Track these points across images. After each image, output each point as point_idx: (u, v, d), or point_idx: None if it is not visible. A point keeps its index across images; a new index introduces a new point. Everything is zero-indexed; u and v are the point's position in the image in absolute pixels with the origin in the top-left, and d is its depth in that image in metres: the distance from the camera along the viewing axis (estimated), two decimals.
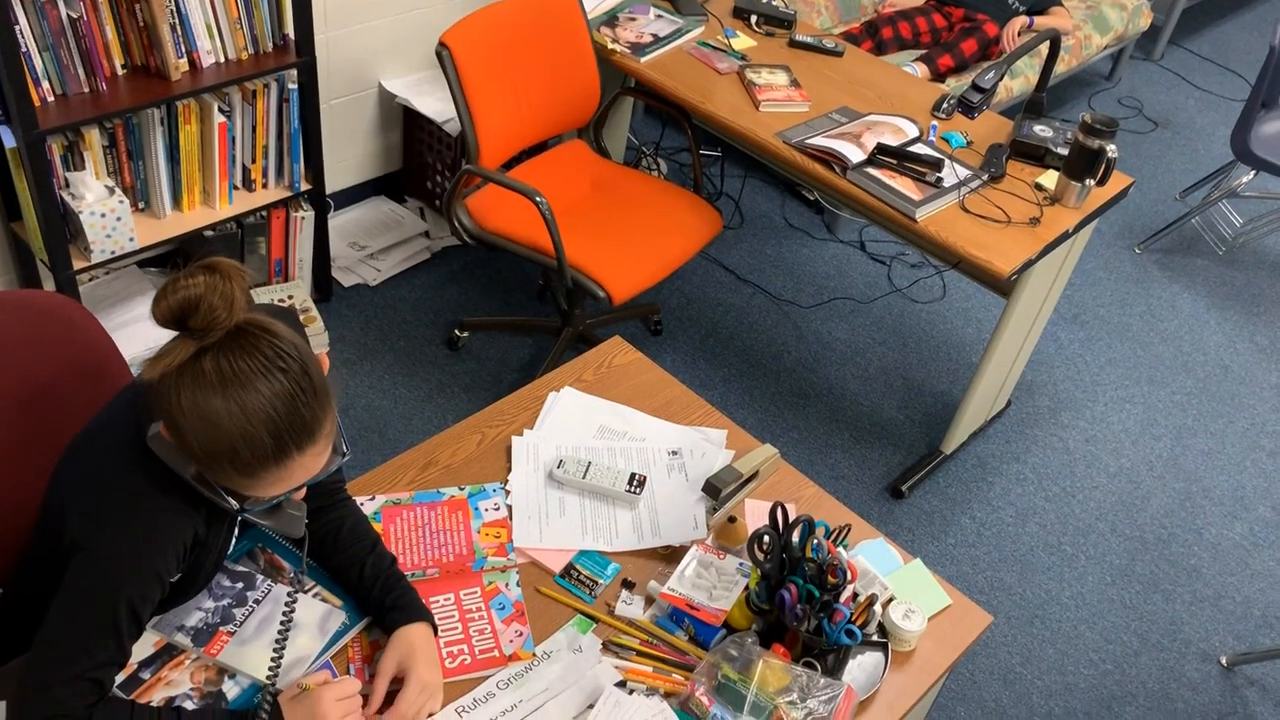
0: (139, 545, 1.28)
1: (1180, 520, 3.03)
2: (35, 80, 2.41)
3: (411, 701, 1.38)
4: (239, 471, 1.21)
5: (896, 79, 3.12)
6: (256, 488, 1.24)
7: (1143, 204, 4.30)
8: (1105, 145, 2.52)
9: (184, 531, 1.31)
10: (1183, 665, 2.65)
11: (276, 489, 1.25)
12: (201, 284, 1.17)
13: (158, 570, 1.28)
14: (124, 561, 1.27)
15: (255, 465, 1.21)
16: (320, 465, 1.28)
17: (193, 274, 1.19)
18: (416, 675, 1.40)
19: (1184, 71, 5.32)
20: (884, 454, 3.07)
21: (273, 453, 1.20)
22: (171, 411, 1.19)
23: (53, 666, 1.24)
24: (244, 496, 1.28)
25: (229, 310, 1.18)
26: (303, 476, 1.26)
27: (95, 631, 1.25)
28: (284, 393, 1.20)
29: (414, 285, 3.35)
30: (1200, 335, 3.71)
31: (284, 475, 1.23)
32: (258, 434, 1.19)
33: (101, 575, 1.27)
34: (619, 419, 1.89)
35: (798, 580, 1.48)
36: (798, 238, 3.83)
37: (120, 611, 1.26)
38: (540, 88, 2.87)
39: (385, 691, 1.40)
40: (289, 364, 1.21)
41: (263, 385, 1.19)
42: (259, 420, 1.18)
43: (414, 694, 1.39)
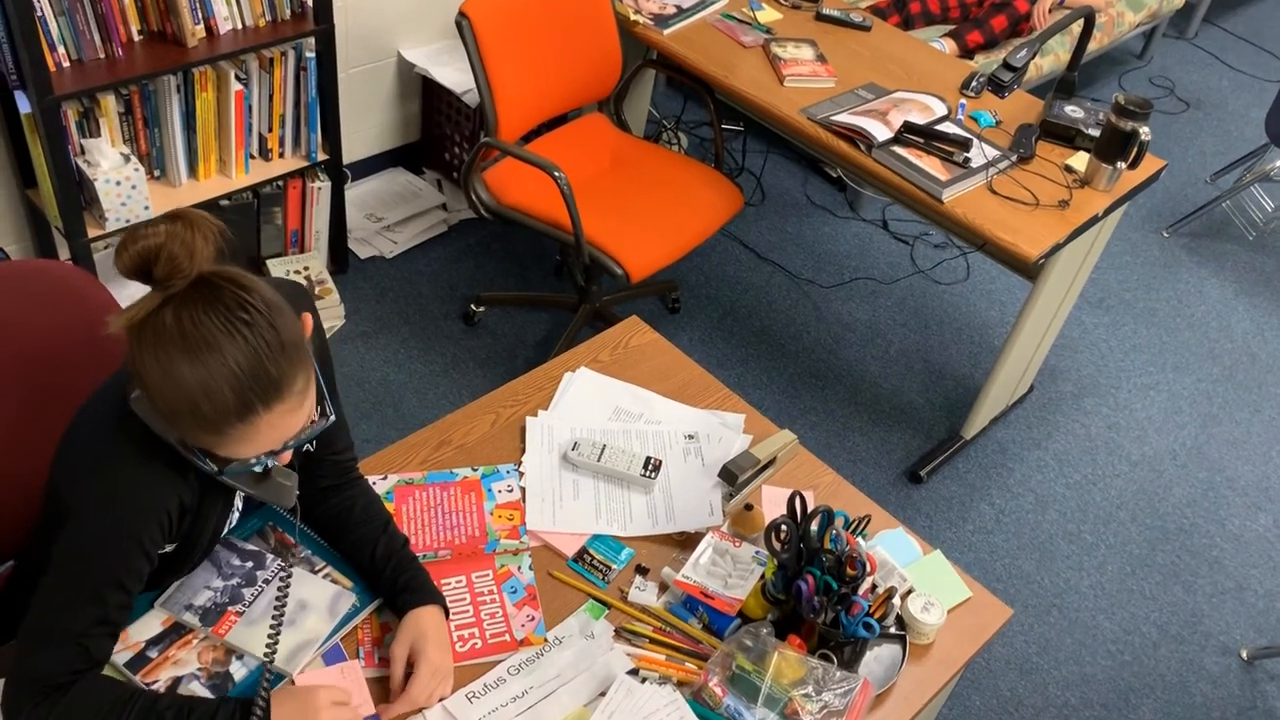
0: (118, 512, 1.25)
1: (1203, 510, 2.98)
2: (51, 45, 2.39)
3: (423, 686, 1.37)
4: (204, 429, 1.16)
5: (925, 55, 3.05)
6: (227, 447, 1.19)
7: (1172, 186, 4.22)
8: (1138, 128, 2.45)
9: (168, 498, 1.28)
10: (1202, 658, 2.61)
11: (248, 449, 1.20)
12: (163, 233, 1.13)
13: (139, 538, 1.26)
14: (103, 528, 1.25)
15: (220, 422, 1.15)
16: (296, 426, 1.22)
17: (155, 223, 1.14)
18: (428, 659, 1.38)
19: (1218, 51, 5.22)
20: (903, 438, 3.03)
21: (236, 409, 1.15)
22: (137, 367, 1.15)
23: (38, 633, 1.24)
24: (223, 459, 1.24)
25: (190, 259, 1.13)
26: (276, 437, 1.21)
27: (76, 598, 1.24)
28: (247, 346, 1.14)
29: (431, 258, 3.32)
30: (1228, 322, 3.64)
31: (253, 434, 1.18)
32: (219, 389, 1.13)
33: (82, 542, 1.25)
34: (635, 401, 1.86)
35: (815, 571, 1.45)
36: (819, 216, 3.78)
37: (99, 578, 1.24)
38: (561, 59, 2.82)
39: (402, 676, 1.38)
40: (254, 316, 1.15)
41: (224, 338, 1.13)
42: (220, 375, 1.13)
43: (425, 678, 1.37)
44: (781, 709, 1.40)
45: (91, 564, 1.24)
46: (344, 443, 1.56)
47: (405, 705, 1.36)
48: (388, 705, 1.37)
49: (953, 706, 2.42)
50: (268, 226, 2.95)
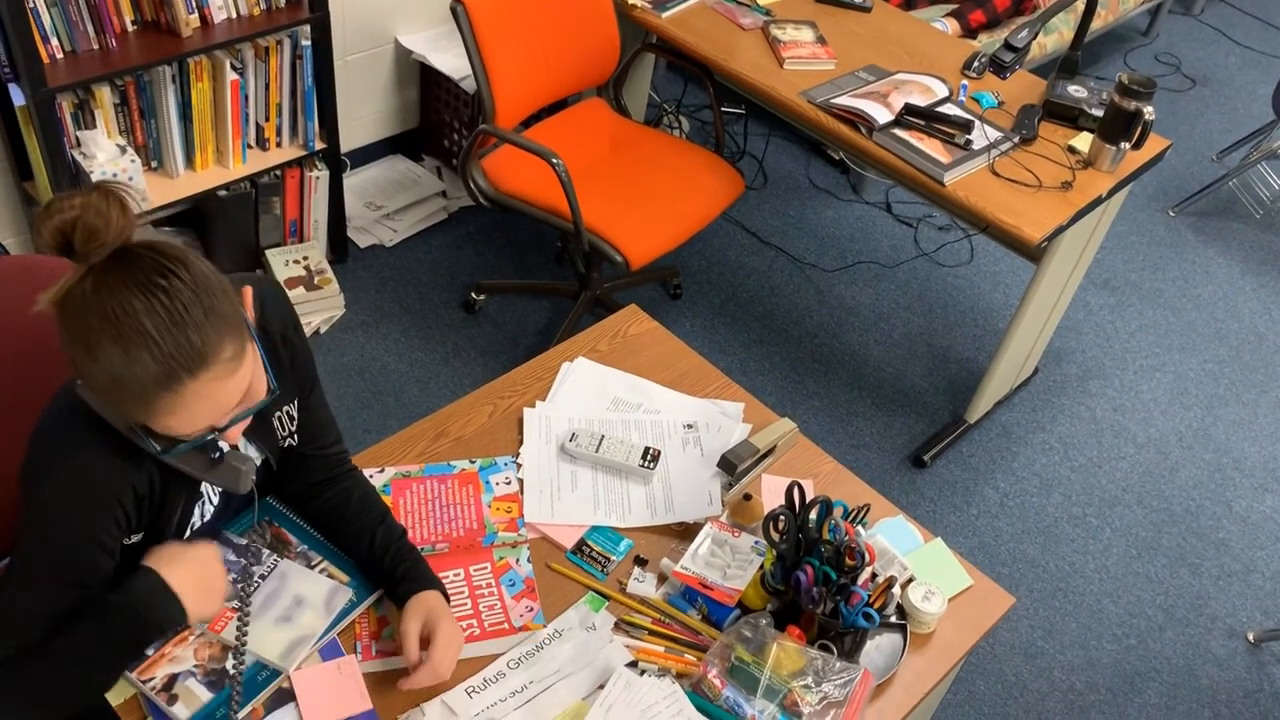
0: (67, 510, 1.24)
1: (1209, 492, 2.96)
2: (44, 37, 2.37)
3: (444, 654, 1.37)
4: (133, 402, 1.13)
5: (926, 36, 3.02)
6: (160, 419, 1.15)
7: (1178, 165, 4.19)
8: (1142, 107, 2.42)
9: (119, 488, 1.26)
10: (1208, 641, 2.60)
11: (183, 421, 1.16)
12: (78, 205, 1.10)
13: (92, 533, 1.25)
14: (52, 525, 1.24)
15: (145, 393, 1.12)
16: (230, 397, 1.18)
17: (70, 196, 1.12)
18: (443, 630, 1.38)
19: (1224, 27, 5.16)
20: (906, 422, 3.02)
21: (157, 377, 1.11)
22: (65, 345, 1.13)
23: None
24: (166, 438, 1.20)
25: (108, 229, 1.10)
26: (209, 409, 1.17)
27: (26, 588, 1.24)
28: (165, 310, 1.11)
29: (430, 246, 3.30)
30: (1234, 302, 3.62)
31: (181, 405, 1.14)
32: (139, 357, 1.10)
33: (30, 532, 1.24)
34: (634, 391, 1.85)
35: (814, 562, 1.44)
36: (822, 199, 3.76)
37: (46, 569, 1.24)
38: (558, 44, 2.80)
39: (418, 652, 1.37)
40: (172, 283, 1.12)
41: (141, 305, 1.10)
42: (139, 342, 1.10)
43: (443, 646, 1.37)
44: (781, 700, 1.39)
45: (38, 555, 1.24)
46: (333, 436, 1.55)
47: (428, 676, 1.36)
48: (407, 679, 1.36)
49: (957, 692, 2.42)
50: (266, 216, 2.94)
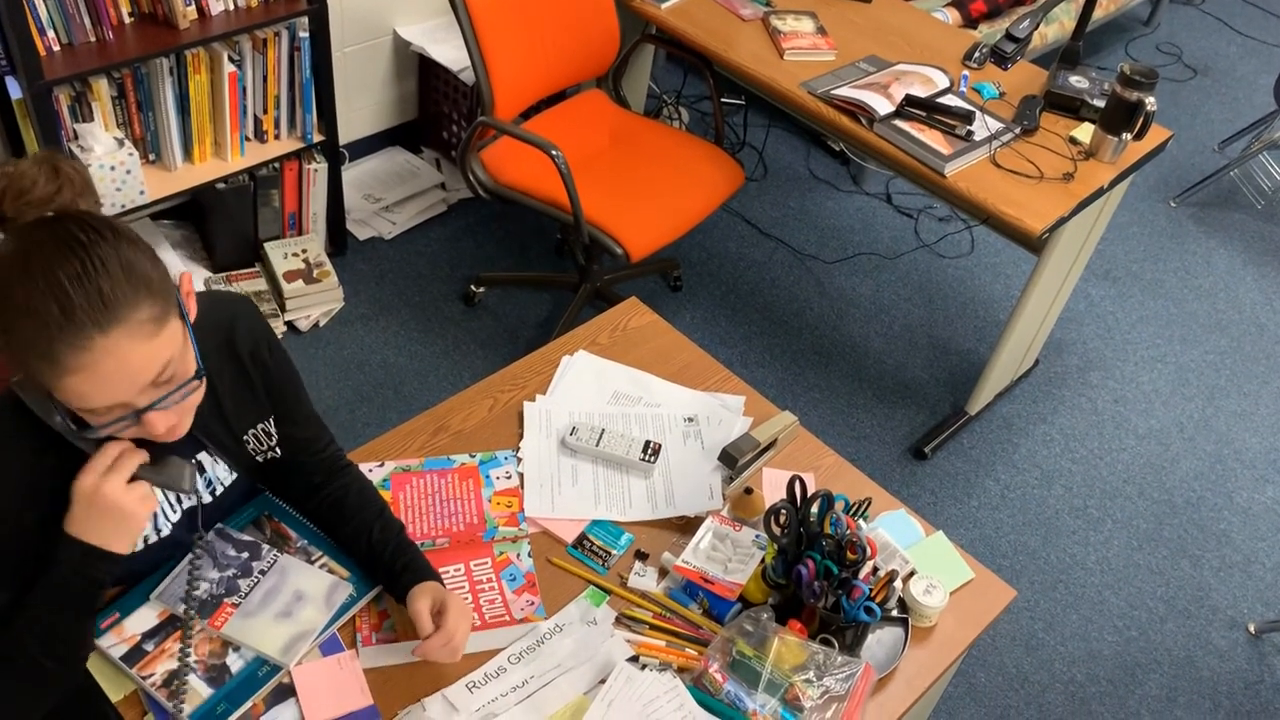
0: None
1: (1210, 484, 2.96)
2: (40, 29, 2.36)
3: (458, 623, 1.36)
4: (40, 359, 1.08)
5: (927, 26, 3.01)
6: (69, 383, 1.09)
7: (1179, 155, 4.18)
8: (1144, 98, 2.41)
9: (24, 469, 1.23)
10: (1209, 632, 2.60)
11: (93, 387, 1.10)
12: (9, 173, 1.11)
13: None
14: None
15: (51, 347, 1.07)
16: (146, 365, 1.12)
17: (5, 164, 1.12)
18: (454, 605, 1.38)
19: (1225, 16, 5.14)
20: (907, 414, 3.01)
21: (61, 325, 1.06)
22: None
23: None
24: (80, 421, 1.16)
25: (32, 190, 1.10)
26: (121, 376, 1.11)
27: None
28: (80, 262, 1.08)
29: (430, 239, 3.29)
30: (1236, 292, 3.61)
31: (91, 364, 1.08)
32: (46, 306, 1.06)
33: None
34: (634, 384, 1.84)
35: (816, 556, 1.44)
36: (822, 190, 3.75)
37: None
38: (557, 36, 2.79)
39: (431, 627, 1.36)
40: (91, 237, 1.09)
41: (56, 255, 1.07)
42: (46, 290, 1.06)
43: (456, 617, 1.37)
44: (782, 694, 1.39)
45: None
46: (325, 440, 1.54)
47: (443, 647, 1.35)
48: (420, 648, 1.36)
49: (958, 684, 2.42)
50: (265, 209, 2.93)
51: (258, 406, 1.43)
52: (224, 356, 1.38)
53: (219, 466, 1.43)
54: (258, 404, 1.43)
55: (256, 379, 1.41)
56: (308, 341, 2.92)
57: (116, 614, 1.38)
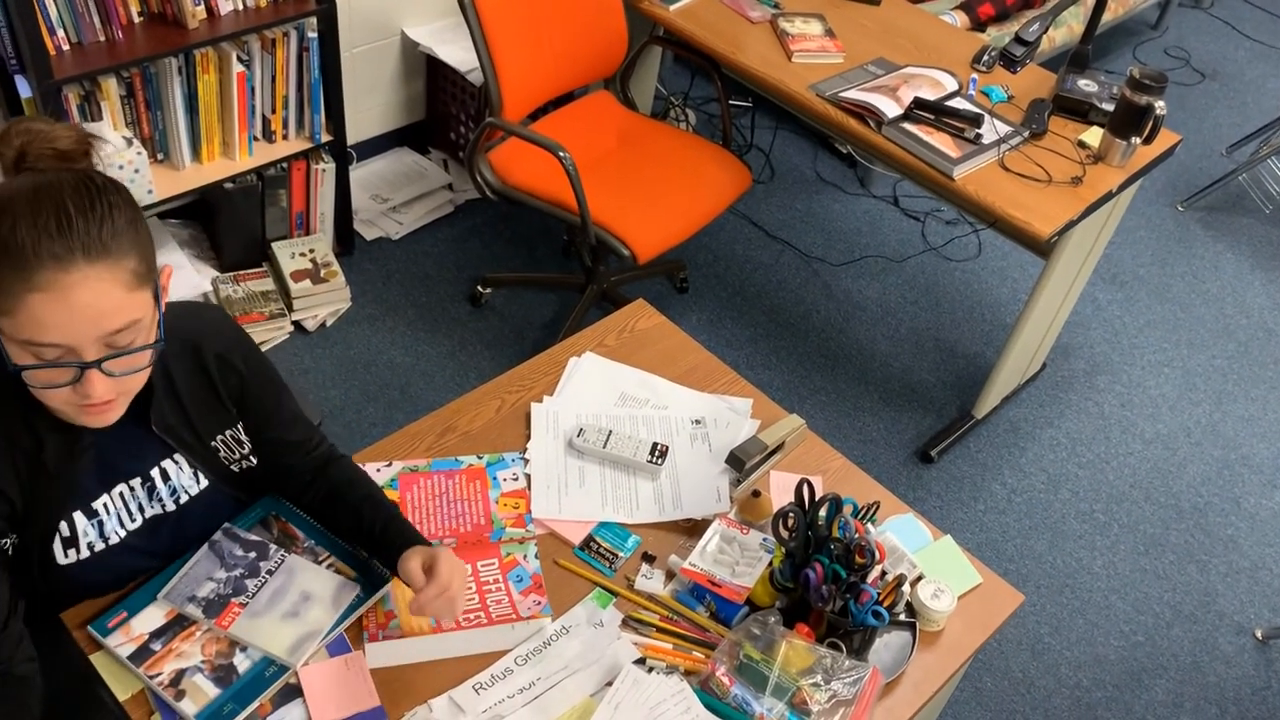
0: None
1: (1217, 489, 2.95)
2: (50, 28, 2.36)
3: (450, 573, 1.36)
4: (12, 269, 1.07)
5: (935, 29, 3.00)
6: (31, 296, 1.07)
7: (1187, 159, 4.17)
8: (1154, 102, 2.41)
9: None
10: (1216, 638, 2.59)
11: (59, 317, 1.08)
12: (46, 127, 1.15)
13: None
14: None
15: (34, 259, 1.06)
16: (115, 312, 1.12)
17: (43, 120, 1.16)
18: (445, 556, 1.37)
19: (1234, 20, 5.13)
20: (914, 417, 3.01)
21: (53, 237, 1.07)
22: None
23: None
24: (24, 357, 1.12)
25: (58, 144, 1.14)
26: (91, 315, 1.10)
27: None
28: (88, 198, 1.10)
29: (437, 239, 3.29)
30: (1243, 297, 3.60)
31: (65, 285, 1.07)
32: (45, 219, 1.07)
33: None
34: (641, 386, 1.84)
35: (823, 559, 1.44)
36: (829, 192, 3.74)
37: None
38: (565, 37, 2.79)
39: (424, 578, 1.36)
40: (108, 187, 1.14)
41: (70, 186, 1.11)
42: (50, 205, 1.08)
43: (448, 568, 1.36)
44: (790, 698, 1.38)
45: None
46: (314, 440, 1.54)
47: (438, 598, 1.35)
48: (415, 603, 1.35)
49: (964, 688, 2.41)
50: (272, 209, 2.93)
51: (224, 413, 1.42)
52: (188, 362, 1.37)
53: (184, 474, 1.41)
54: (224, 410, 1.41)
55: (222, 385, 1.40)
56: (315, 341, 2.92)
57: (124, 613, 1.38)
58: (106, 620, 1.37)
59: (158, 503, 1.40)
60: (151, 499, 1.40)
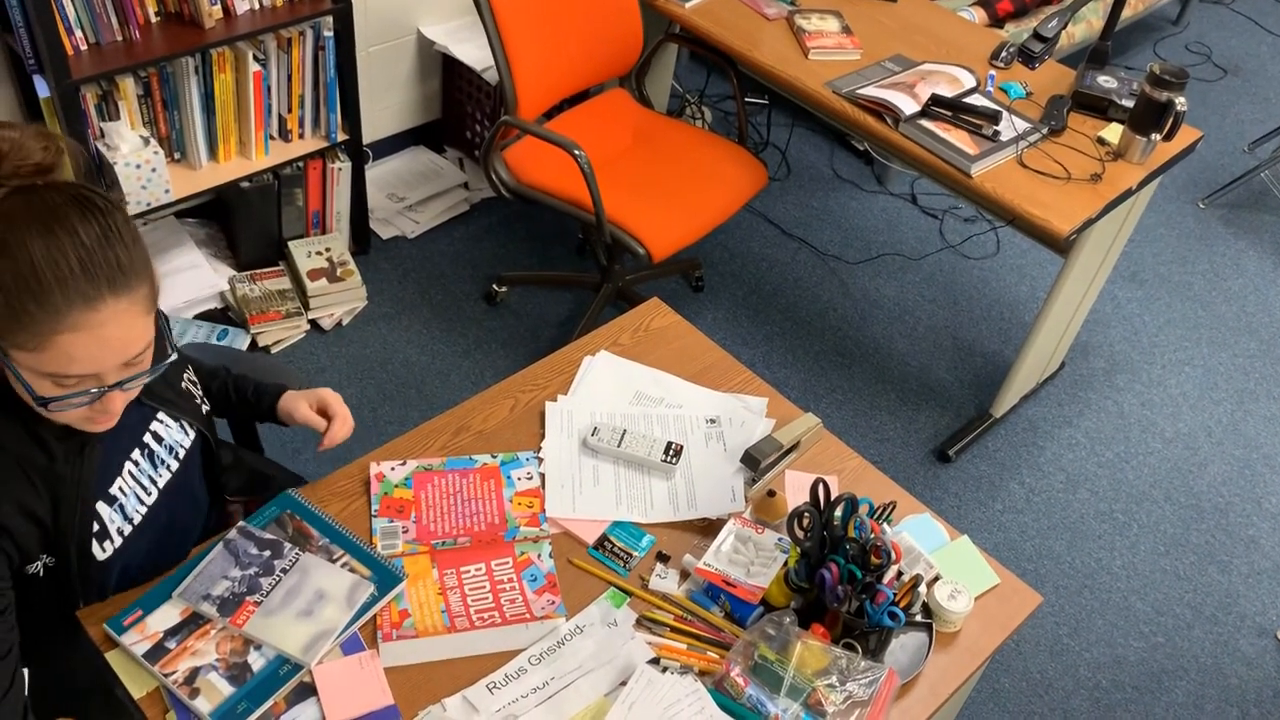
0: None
1: (1239, 489, 2.92)
2: (68, 29, 2.38)
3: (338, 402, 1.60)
4: (41, 308, 1.07)
5: (953, 25, 2.98)
6: (59, 337, 1.09)
7: (1209, 156, 4.13)
8: (1174, 98, 2.38)
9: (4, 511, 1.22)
10: (1237, 639, 2.56)
11: (85, 347, 1.10)
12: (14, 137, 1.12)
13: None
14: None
15: (62, 300, 1.07)
16: (137, 339, 1.15)
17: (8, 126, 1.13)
18: (325, 392, 1.61)
19: (1256, 15, 5.08)
20: (931, 416, 2.99)
21: (80, 281, 1.07)
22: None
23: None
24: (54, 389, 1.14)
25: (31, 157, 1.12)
26: (118, 344, 1.13)
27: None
28: (99, 224, 1.10)
29: (453, 238, 3.29)
30: (1265, 295, 3.56)
31: (96, 323, 1.09)
32: (64, 255, 1.07)
33: None
34: (656, 385, 1.83)
35: (839, 560, 1.42)
36: (846, 190, 3.72)
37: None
38: (581, 35, 2.78)
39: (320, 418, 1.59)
40: (106, 205, 1.12)
41: (75, 215, 1.09)
42: (68, 239, 1.08)
43: (334, 399, 1.60)
44: (805, 699, 1.37)
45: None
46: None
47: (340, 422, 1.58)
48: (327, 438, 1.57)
49: (981, 689, 2.39)
50: (289, 208, 2.94)
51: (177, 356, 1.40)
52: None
53: (173, 429, 1.44)
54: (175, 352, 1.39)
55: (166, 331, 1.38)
56: (331, 340, 2.93)
57: (139, 611, 1.39)
58: (122, 619, 1.38)
59: (162, 466, 1.43)
60: (156, 466, 1.42)
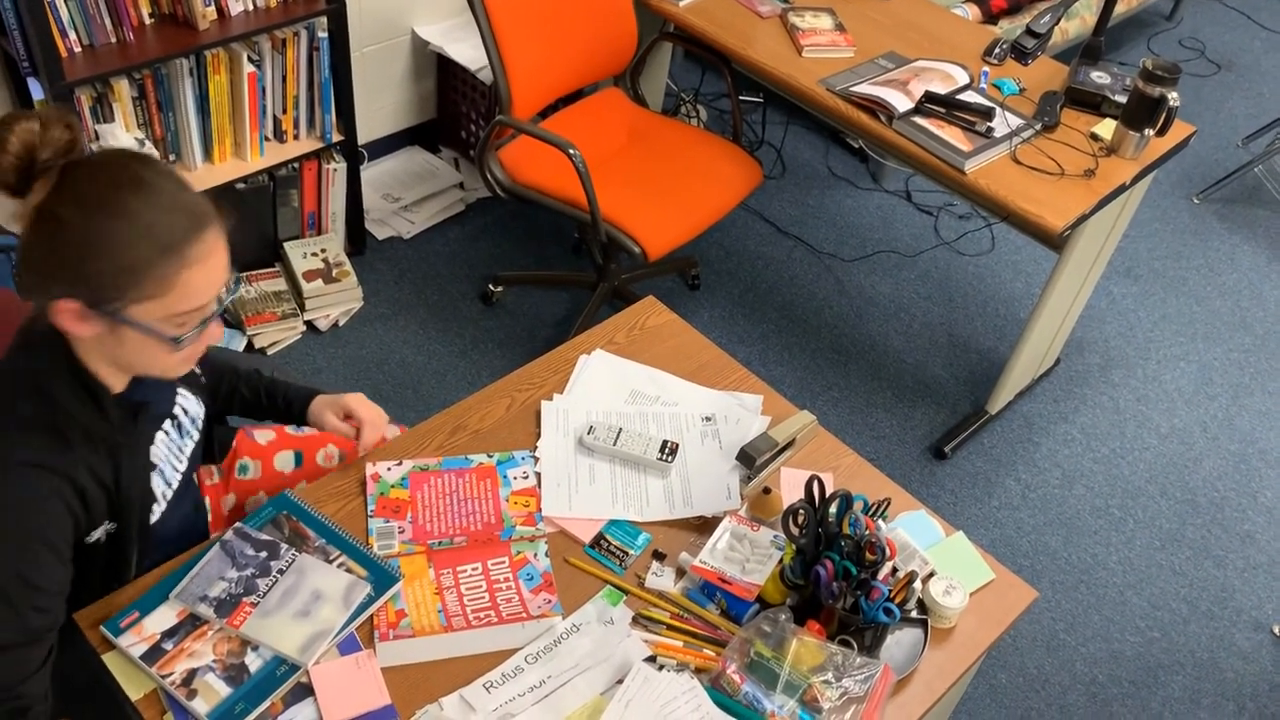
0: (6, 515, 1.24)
1: (1234, 483, 2.93)
2: (62, 31, 2.37)
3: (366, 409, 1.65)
4: (164, 254, 1.18)
5: (946, 22, 2.99)
6: (186, 273, 1.21)
7: (1202, 151, 4.13)
8: (1167, 93, 2.39)
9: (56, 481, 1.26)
10: (1233, 634, 2.57)
11: (204, 278, 1.23)
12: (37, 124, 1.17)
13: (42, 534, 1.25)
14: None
15: (179, 238, 1.19)
16: (228, 262, 1.28)
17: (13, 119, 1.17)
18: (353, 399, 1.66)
19: (1250, 10, 5.09)
20: (927, 413, 2.99)
21: (186, 222, 1.20)
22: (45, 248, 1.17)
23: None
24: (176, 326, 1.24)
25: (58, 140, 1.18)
26: (219, 269, 1.26)
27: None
28: (173, 180, 1.22)
29: (448, 238, 3.30)
30: (1260, 290, 3.57)
31: (206, 254, 1.22)
32: (168, 207, 1.19)
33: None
34: (651, 383, 1.84)
35: (834, 556, 1.43)
36: (841, 187, 3.73)
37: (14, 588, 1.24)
38: (575, 34, 2.78)
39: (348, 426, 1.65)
40: (156, 158, 1.24)
41: (152, 176, 1.20)
42: (163, 195, 1.19)
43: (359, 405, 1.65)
44: (801, 695, 1.38)
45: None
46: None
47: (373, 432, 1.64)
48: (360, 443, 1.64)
49: (978, 685, 2.40)
50: (284, 209, 2.94)
51: None
52: None
53: (191, 402, 1.52)
54: None
55: None
56: (327, 341, 2.93)
57: (136, 613, 1.39)
58: (119, 620, 1.38)
59: (187, 437, 1.51)
60: (182, 436, 1.50)
